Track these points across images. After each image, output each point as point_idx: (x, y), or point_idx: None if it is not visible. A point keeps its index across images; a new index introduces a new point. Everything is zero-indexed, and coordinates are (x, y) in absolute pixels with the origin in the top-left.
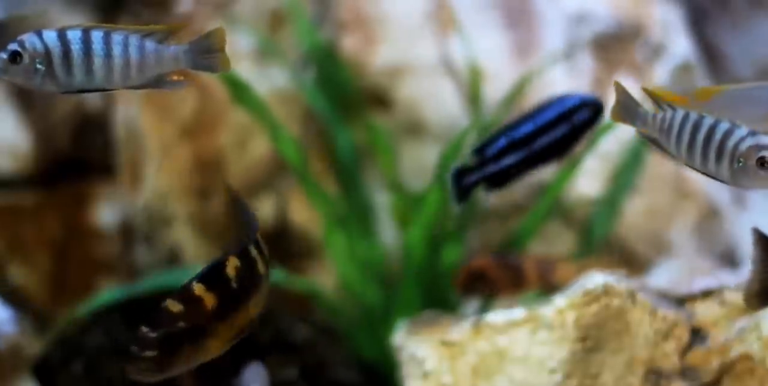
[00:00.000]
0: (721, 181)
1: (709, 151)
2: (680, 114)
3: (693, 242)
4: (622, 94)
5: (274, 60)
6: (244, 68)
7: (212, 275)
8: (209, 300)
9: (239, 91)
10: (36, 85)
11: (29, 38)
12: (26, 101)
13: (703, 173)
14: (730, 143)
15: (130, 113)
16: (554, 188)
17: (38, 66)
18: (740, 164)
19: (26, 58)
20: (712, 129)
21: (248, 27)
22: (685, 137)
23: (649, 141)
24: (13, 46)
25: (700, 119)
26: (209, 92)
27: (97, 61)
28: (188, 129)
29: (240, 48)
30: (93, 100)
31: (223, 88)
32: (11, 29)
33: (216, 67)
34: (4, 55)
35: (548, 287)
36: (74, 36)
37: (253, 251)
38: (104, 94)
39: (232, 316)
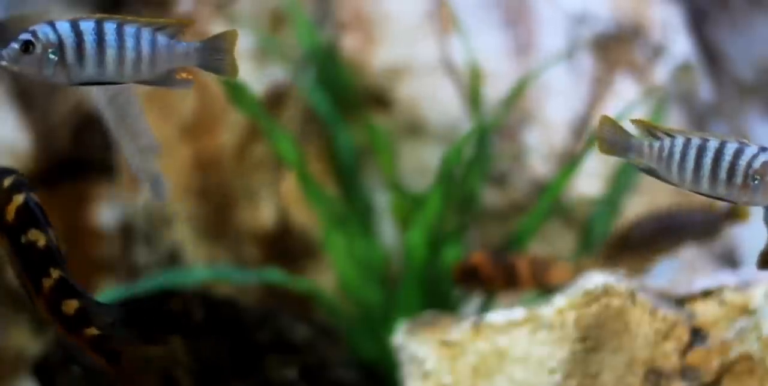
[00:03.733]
0: (733, 202)
1: (718, 173)
2: (681, 140)
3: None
4: (611, 128)
5: (275, 60)
6: (244, 68)
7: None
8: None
9: (237, 92)
10: (47, 75)
11: (42, 28)
12: (26, 101)
13: (712, 197)
14: (742, 161)
15: None
16: (554, 187)
17: (51, 56)
18: (756, 182)
19: (39, 48)
20: (720, 150)
21: (248, 27)
22: (690, 163)
23: (644, 171)
24: (25, 36)
25: (705, 142)
26: (209, 92)
27: (110, 53)
28: (188, 129)
29: (240, 48)
30: (93, 100)
31: (223, 89)
32: (11, 29)
33: (223, 70)
34: (16, 45)
35: (542, 287)
36: (87, 27)
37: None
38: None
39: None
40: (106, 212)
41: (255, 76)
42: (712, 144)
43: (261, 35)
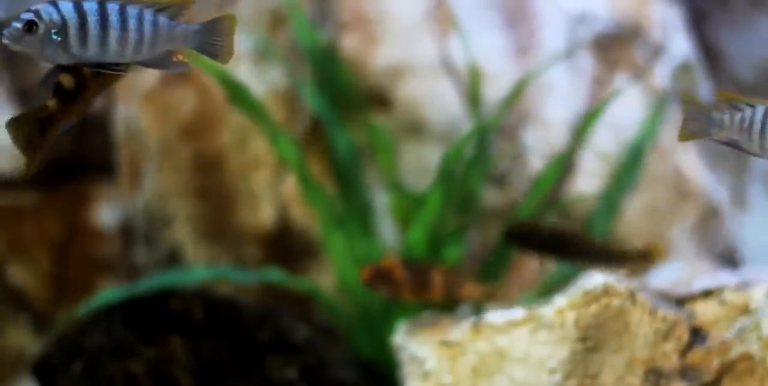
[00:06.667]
0: None
1: None
2: (761, 110)
3: (693, 242)
4: (692, 108)
5: (274, 60)
6: (243, 69)
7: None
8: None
9: (237, 92)
10: (49, 56)
11: (45, 8)
12: (26, 101)
13: None
14: None
15: (130, 112)
16: (543, 181)
17: (53, 36)
18: None
19: (42, 28)
20: None
21: (248, 27)
22: None
23: (727, 145)
24: (28, 16)
25: None
26: (209, 92)
27: (113, 33)
28: (188, 129)
29: (240, 48)
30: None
31: (223, 89)
32: None
33: (219, 54)
34: (19, 25)
35: (450, 301)
36: (90, 7)
37: None
38: (105, 94)
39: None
40: (106, 212)
41: (255, 76)
42: None
43: (261, 36)
